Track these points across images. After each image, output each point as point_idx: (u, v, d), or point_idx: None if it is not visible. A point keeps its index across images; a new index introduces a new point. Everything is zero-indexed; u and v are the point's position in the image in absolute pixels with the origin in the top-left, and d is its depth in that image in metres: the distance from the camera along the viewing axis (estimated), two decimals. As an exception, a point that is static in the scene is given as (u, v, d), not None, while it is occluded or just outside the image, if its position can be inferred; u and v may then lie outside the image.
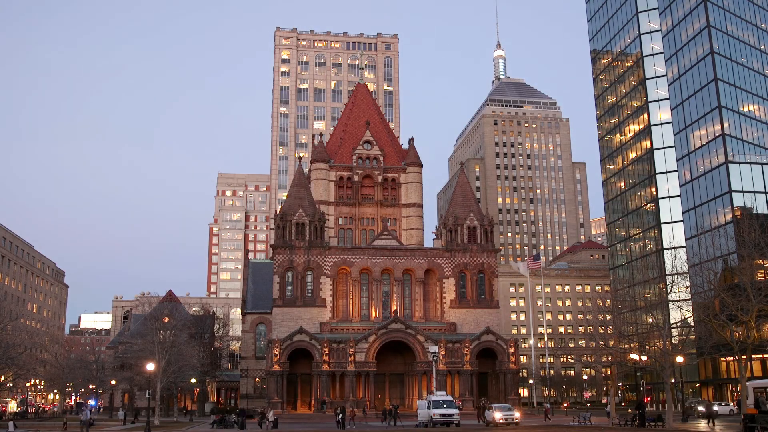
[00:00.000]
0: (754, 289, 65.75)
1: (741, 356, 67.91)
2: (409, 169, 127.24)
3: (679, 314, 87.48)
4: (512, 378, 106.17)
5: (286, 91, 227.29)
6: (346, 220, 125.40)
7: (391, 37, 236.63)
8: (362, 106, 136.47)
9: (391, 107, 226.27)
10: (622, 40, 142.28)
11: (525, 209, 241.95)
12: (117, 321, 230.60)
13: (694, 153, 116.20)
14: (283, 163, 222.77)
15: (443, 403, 71.83)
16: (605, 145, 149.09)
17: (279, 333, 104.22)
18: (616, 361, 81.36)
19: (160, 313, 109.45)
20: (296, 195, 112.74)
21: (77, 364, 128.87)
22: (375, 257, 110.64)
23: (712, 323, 70.18)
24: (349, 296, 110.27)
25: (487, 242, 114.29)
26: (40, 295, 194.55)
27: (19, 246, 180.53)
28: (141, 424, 79.75)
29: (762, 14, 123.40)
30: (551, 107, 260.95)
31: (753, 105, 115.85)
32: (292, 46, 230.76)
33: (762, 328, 79.69)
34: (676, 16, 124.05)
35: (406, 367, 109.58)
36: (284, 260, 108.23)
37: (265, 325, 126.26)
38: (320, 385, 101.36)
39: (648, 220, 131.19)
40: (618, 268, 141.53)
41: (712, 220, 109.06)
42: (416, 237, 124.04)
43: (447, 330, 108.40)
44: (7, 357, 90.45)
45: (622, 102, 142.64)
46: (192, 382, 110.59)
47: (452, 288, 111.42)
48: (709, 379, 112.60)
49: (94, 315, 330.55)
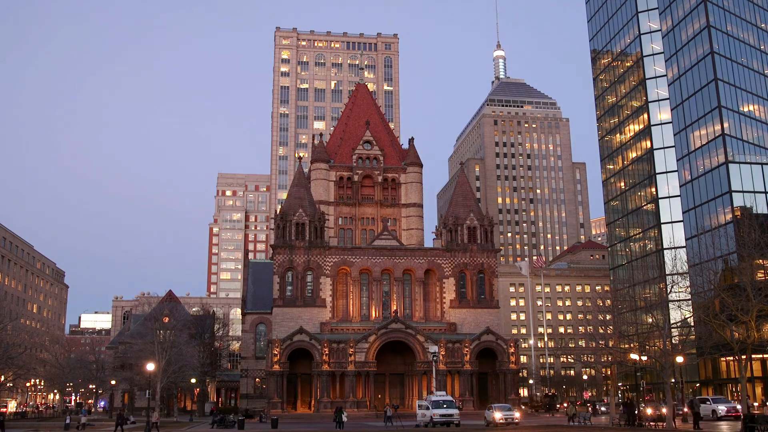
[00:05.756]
0: (754, 289, 65.68)
1: (741, 356, 67.84)
2: (409, 169, 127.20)
3: (679, 314, 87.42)
4: (512, 378, 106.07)
5: (286, 91, 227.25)
6: (346, 220, 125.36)
7: (391, 37, 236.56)
8: (362, 106, 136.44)
9: (391, 107, 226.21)
10: (622, 40, 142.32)
11: (525, 209, 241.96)
12: (117, 321, 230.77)
13: (694, 153, 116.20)
14: (283, 163, 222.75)
15: (443, 403, 71.79)
16: (605, 145, 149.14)
17: (279, 333, 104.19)
18: (616, 361, 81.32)
19: (160, 313, 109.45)
20: (296, 195, 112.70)
21: (77, 364, 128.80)
22: (375, 257, 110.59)
23: (712, 323, 70.08)
24: (349, 296, 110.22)
25: (487, 242, 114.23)
26: (40, 295, 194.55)
27: (19, 246, 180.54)
28: (141, 424, 79.69)
29: (762, 14, 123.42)
30: (551, 107, 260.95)
31: (753, 105, 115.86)
32: (292, 46, 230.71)
33: (762, 328, 79.51)
34: (676, 16, 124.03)
35: (406, 367, 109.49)
36: (284, 260, 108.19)
37: (265, 325, 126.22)
38: (320, 385, 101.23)
39: (648, 220, 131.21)
40: (618, 268, 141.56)
41: (712, 220, 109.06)
42: (416, 237, 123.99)
43: (447, 330, 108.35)
44: (7, 357, 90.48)
45: (622, 102, 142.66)
46: (192, 382, 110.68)
47: (452, 288, 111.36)
48: (709, 379, 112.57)
49: (94, 315, 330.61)
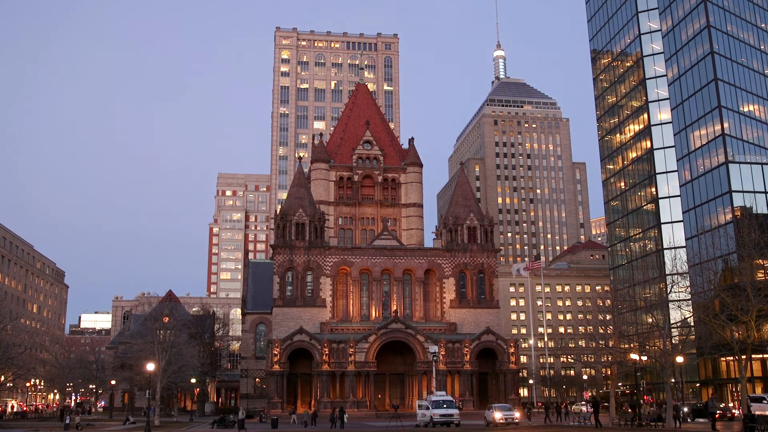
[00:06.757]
0: (754, 289, 65.76)
1: (741, 356, 67.93)
2: (409, 169, 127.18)
3: (679, 314, 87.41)
4: (512, 378, 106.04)
5: (286, 91, 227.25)
6: (346, 220, 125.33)
7: (391, 37, 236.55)
8: (362, 106, 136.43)
9: (391, 107, 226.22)
10: (622, 40, 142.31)
11: (525, 209, 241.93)
12: (117, 321, 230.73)
13: (694, 153, 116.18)
14: (283, 163, 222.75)
15: (443, 403, 71.82)
16: (605, 145, 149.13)
17: (279, 333, 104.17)
18: (616, 361, 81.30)
19: (160, 313, 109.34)
20: (296, 195, 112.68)
21: (77, 364, 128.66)
22: (375, 257, 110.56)
23: (712, 323, 70.15)
24: (349, 296, 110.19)
25: (487, 242, 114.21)
26: (40, 295, 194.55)
27: (19, 246, 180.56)
28: (141, 424, 79.67)
29: (762, 14, 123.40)
30: (551, 107, 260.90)
31: (753, 105, 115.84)
32: (292, 46, 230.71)
33: (762, 328, 79.64)
34: (676, 16, 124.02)
35: (406, 367, 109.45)
36: (284, 260, 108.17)
37: (265, 325, 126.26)
38: (320, 385, 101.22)
39: (648, 220, 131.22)
40: (618, 268, 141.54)
41: (712, 220, 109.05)
42: (416, 237, 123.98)
43: (447, 330, 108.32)
44: (7, 357, 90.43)
45: (622, 102, 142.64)
46: (192, 382, 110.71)
47: (452, 288, 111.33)
48: (709, 379, 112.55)
49: (94, 315, 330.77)
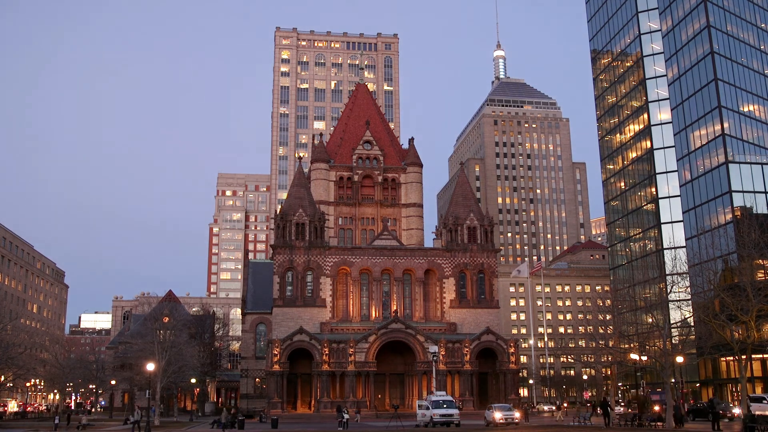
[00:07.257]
0: (754, 289, 65.75)
1: (741, 356, 67.92)
2: (409, 169, 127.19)
3: (679, 314, 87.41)
4: (512, 378, 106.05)
5: (286, 91, 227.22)
6: (346, 220, 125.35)
7: (391, 37, 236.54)
8: (362, 106, 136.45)
9: (391, 107, 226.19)
10: (622, 40, 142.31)
11: (525, 209, 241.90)
12: (117, 321, 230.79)
13: (694, 153, 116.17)
14: (283, 163, 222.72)
15: (443, 403, 71.77)
16: (605, 145, 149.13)
17: (279, 333, 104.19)
18: (616, 361, 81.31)
19: (160, 313, 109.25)
20: (296, 195, 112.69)
21: (77, 364, 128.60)
22: (375, 257, 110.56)
23: (712, 323, 70.16)
24: (349, 296, 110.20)
25: (487, 242, 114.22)
26: (40, 295, 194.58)
27: (19, 246, 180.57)
28: (141, 424, 79.53)
29: (762, 14, 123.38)
30: (551, 107, 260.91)
31: (753, 105, 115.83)
32: (292, 46, 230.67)
33: (762, 328, 79.64)
34: (676, 16, 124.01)
35: (406, 367, 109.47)
36: (284, 260, 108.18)
37: (265, 325, 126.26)
38: (320, 385, 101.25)
39: (648, 220, 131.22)
40: (618, 268, 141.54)
41: (712, 220, 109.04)
42: (416, 237, 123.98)
43: (447, 330, 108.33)
44: (7, 357, 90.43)
45: (622, 102, 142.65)
46: (192, 382, 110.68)
47: (452, 288, 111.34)
48: (709, 379, 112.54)
49: (94, 315, 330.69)
